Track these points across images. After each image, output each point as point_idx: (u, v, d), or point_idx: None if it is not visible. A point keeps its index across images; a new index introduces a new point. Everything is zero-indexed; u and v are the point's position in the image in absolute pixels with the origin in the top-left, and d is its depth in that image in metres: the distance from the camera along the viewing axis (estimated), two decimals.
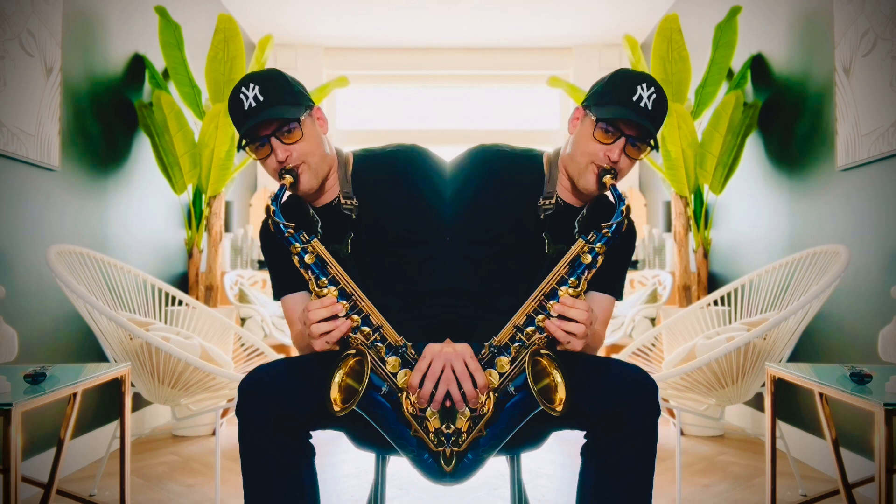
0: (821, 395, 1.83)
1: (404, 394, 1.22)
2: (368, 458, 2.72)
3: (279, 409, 1.19)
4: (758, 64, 3.26)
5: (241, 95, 1.29)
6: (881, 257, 2.30)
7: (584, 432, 1.26)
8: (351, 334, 1.22)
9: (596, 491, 1.22)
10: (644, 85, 1.30)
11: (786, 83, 3.02)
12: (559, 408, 1.14)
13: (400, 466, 2.53)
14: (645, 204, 5.04)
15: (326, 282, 1.23)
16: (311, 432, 1.26)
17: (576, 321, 1.19)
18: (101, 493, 2.32)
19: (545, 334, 1.22)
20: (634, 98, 1.29)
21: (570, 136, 1.40)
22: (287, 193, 1.38)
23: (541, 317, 1.23)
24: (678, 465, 2.19)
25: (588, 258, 1.24)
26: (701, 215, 3.40)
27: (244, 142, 1.30)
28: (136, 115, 3.21)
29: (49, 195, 2.51)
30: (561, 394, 1.15)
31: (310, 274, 1.24)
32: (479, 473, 2.44)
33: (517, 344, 1.23)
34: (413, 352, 1.25)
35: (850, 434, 2.37)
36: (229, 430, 3.27)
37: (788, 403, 2.84)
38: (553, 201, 1.38)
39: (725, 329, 2.40)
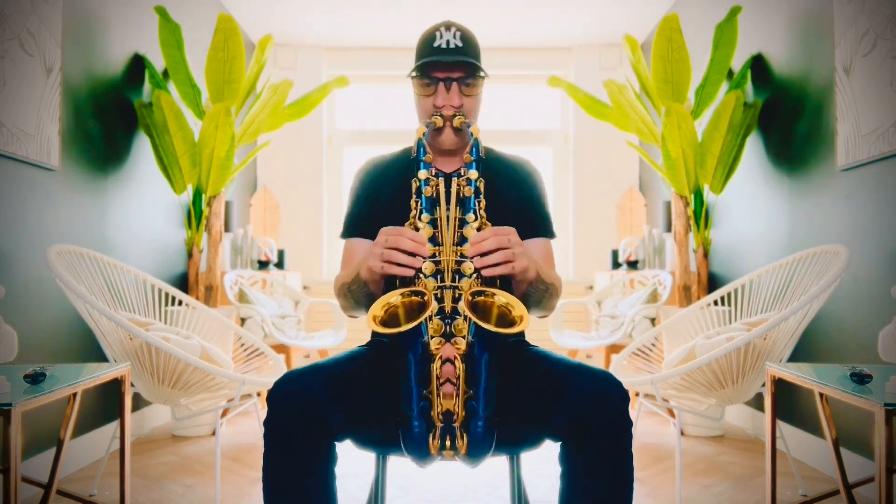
0: (821, 395, 1.83)
1: (436, 362, 1.17)
2: (368, 458, 2.71)
3: (310, 416, 1.18)
4: (758, 64, 3.26)
5: (438, 33, 1.42)
6: (881, 257, 2.30)
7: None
8: (421, 276, 1.21)
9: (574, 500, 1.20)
10: (442, 30, 1.42)
11: (786, 83, 3.02)
12: (523, 324, 1.09)
13: (400, 466, 2.53)
14: (645, 204, 5.03)
15: (428, 220, 1.26)
16: (335, 442, 1.25)
17: (492, 250, 1.17)
18: (101, 493, 2.32)
19: (475, 276, 1.21)
20: (436, 45, 1.41)
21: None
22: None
23: (464, 265, 1.23)
24: (678, 465, 2.19)
25: (469, 189, 1.27)
26: (701, 215, 3.40)
27: (415, 74, 1.43)
28: (136, 114, 3.21)
29: (49, 195, 2.51)
30: (518, 310, 1.11)
31: (419, 206, 1.27)
32: (479, 473, 2.41)
33: (459, 300, 1.21)
34: (459, 330, 1.20)
35: (850, 434, 2.37)
36: (229, 430, 3.27)
37: (789, 403, 2.84)
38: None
39: (725, 329, 2.40)
